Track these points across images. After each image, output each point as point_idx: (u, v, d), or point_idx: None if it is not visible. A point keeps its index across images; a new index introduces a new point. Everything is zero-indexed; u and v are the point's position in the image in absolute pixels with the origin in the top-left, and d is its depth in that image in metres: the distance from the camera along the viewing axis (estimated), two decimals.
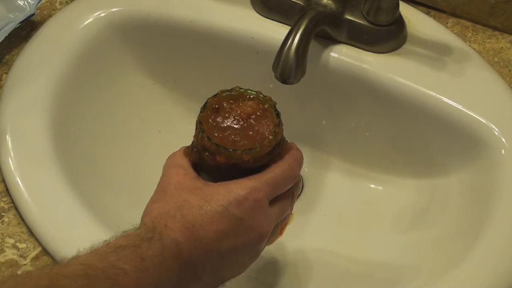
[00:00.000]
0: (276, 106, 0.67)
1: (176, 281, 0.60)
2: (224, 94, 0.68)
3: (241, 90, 0.68)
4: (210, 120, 0.66)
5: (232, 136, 0.66)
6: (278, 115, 0.67)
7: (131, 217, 0.65)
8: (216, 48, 0.90)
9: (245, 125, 0.67)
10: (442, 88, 0.83)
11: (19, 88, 0.84)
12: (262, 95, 0.68)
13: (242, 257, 0.65)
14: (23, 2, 0.89)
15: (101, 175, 0.86)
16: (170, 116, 0.94)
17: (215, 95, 0.68)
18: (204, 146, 0.65)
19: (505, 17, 0.88)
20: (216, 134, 0.66)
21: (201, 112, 0.67)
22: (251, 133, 0.66)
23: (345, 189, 0.91)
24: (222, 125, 0.66)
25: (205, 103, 0.67)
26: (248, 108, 0.67)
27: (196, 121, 0.66)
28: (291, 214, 0.82)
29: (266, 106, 0.67)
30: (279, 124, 0.66)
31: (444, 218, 0.83)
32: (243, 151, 0.64)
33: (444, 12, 0.91)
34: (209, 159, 0.65)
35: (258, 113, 0.67)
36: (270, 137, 0.65)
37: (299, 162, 0.67)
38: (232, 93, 0.68)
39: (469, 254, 0.74)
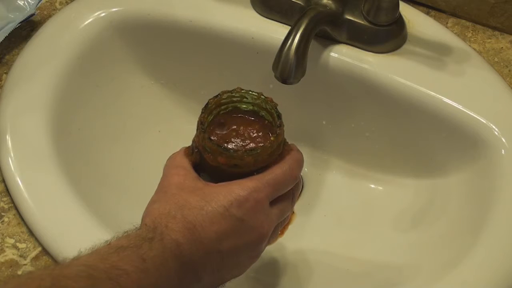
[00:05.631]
0: (277, 107, 0.68)
1: (176, 282, 0.60)
2: (225, 96, 0.68)
3: (243, 91, 0.68)
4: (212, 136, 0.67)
5: (233, 137, 0.67)
6: (279, 116, 0.67)
7: (131, 217, 0.65)
8: (216, 48, 0.90)
9: (246, 136, 0.68)
10: (442, 88, 0.83)
11: (19, 88, 0.84)
12: (263, 97, 0.68)
13: (243, 258, 0.65)
14: (23, 2, 0.89)
15: (101, 175, 0.86)
16: (170, 116, 0.94)
17: (216, 95, 0.68)
18: (205, 146, 0.65)
19: (505, 17, 0.88)
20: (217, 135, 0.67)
21: (202, 112, 0.67)
22: (252, 135, 0.67)
23: (345, 189, 0.91)
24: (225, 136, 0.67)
25: (206, 104, 0.67)
26: (251, 130, 0.68)
27: (198, 121, 0.66)
28: (293, 213, 0.82)
29: (266, 122, 0.68)
30: (280, 126, 0.66)
31: (444, 218, 0.83)
32: (244, 152, 0.64)
33: (444, 12, 0.91)
34: (210, 160, 0.65)
35: (260, 133, 0.68)
36: (272, 138, 0.65)
37: (300, 164, 0.68)
38: (233, 93, 0.68)
39: (469, 254, 0.74)
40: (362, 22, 0.84)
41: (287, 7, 0.86)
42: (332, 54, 0.86)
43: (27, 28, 0.91)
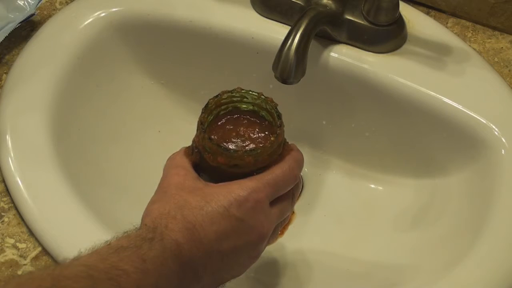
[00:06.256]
0: (277, 107, 0.68)
1: (176, 282, 0.60)
2: (225, 96, 0.68)
3: (243, 91, 0.68)
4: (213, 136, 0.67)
5: (233, 138, 0.67)
6: (279, 116, 0.67)
7: (131, 217, 0.65)
8: (216, 48, 0.90)
9: (247, 136, 0.68)
10: (442, 88, 0.83)
11: (19, 88, 0.84)
12: (263, 97, 0.68)
13: (243, 258, 0.65)
14: (23, 2, 0.89)
15: (101, 175, 0.86)
16: (170, 116, 0.94)
17: (216, 95, 0.68)
18: (205, 146, 0.65)
19: (505, 17, 0.88)
20: (217, 135, 0.67)
21: (202, 112, 0.67)
22: (252, 135, 0.67)
23: (345, 189, 0.91)
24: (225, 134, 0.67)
25: (207, 104, 0.67)
26: (252, 131, 0.68)
27: (198, 121, 0.66)
28: (293, 213, 0.82)
29: (266, 122, 0.68)
30: (280, 126, 0.66)
31: (444, 218, 0.83)
32: (244, 152, 0.64)
33: (444, 12, 0.91)
34: (210, 160, 0.65)
35: (261, 133, 0.68)
36: (272, 138, 0.65)
37: (300, 163, 0.67)
38: (234, 93, 0.68)
39: (469, 254, 0.74)
40: (362, 22, 0.84)
41: (287, 7, 0.86)
42: (332, 54, 0.86)
43: (27, 28, 0.91)
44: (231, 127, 0.69)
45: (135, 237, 0.60)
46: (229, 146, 0.67)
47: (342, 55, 0.86)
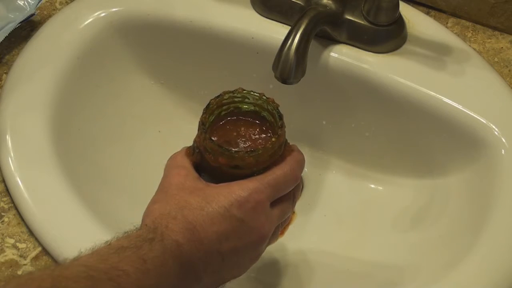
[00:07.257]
0: (279, 108, 0.68)
1: (176, 282, 0.60)
2: (226, 96, 0.68)
3: (244, 91, 0.68)
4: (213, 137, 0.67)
5: (234, 138, 0.67)
6: (280, 117, 0.67)
7: (131, 217, 0.65)
8: (216, 48, 0.90)
9: (248, 136, 0.68)
10: (442, 88, 0.83)
11: (19, 88, 0.84)
12: (265, 97, 0.68)
13: (243, 258, 0.65)
14: (23, 2, 0.89)
15: (101, 175, 0.86)
16: (170, 116, 0.94)
17: (218, 96, 0.68)
18: (206, 147, 0.65)
19: (505, 17, 0.88)
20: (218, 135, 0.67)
21: (203, 113, 0.67)
22: (253, 136, 0.67)
23: (345, 189, 0.91)
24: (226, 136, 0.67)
25: (208, 104, 0.67)
26: (253, 132, 0.68)
27: (199, 121, 0.66)
28: (294, 213, 0.82)
29: (268, 124, 0.68)
30: (281, 126, 0.66)
31: (444, 218, 0.83)
32: (245, 152, 0.64)
33: (444, 12, 0.91)
34: (211, 160, 0.65)
35: (262, 134, 0.68)
36: (273, 139, 0.65)
37: (301, 164, 0.67)
38: (235, 94, 0.68)
39: (469, 254, 0.74)
40: (362, 22, 0.84)
41: (287, 7, 0.86)
42: (332, 54, 0.86)
43: (27, 28, 0.91)
44: (232, 127, 0.69)
45: (136, 238, 0.60)
46: (230, 147, 0.67)
47: (342, 55, 0.86)
